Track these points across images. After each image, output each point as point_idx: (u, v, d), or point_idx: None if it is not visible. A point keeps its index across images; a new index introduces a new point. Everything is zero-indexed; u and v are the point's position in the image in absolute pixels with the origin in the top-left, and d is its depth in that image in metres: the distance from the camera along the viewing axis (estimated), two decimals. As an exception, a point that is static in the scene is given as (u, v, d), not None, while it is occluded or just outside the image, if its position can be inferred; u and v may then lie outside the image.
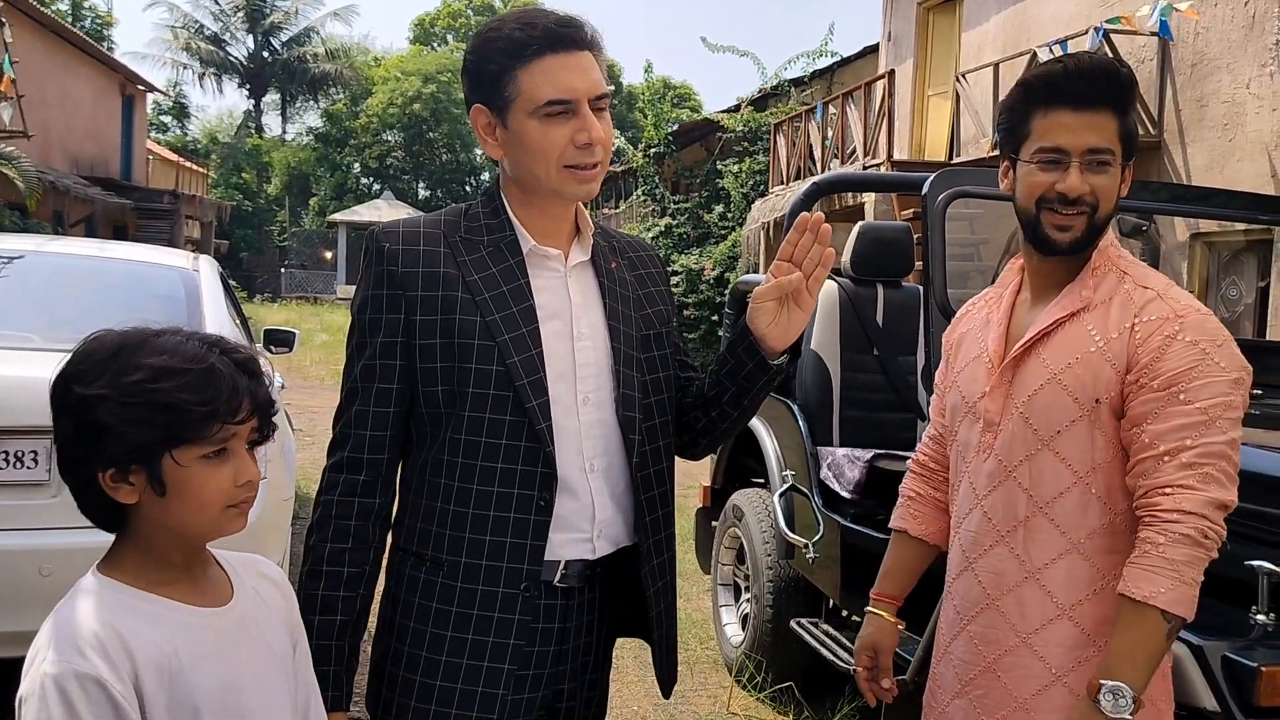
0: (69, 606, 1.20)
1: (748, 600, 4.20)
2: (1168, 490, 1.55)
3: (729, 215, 16.68)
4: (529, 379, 1.53)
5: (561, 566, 1.58)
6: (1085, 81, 1.63)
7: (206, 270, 4.16)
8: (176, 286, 3.97)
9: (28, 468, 3.05)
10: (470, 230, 1.59)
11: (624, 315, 1.65)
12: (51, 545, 2.98)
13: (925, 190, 2.93)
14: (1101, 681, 1.54)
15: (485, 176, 43.75)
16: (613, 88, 1.57)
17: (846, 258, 4.11)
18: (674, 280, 16.16)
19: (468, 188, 43.25)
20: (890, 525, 2.01)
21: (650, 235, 17.69)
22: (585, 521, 1.59)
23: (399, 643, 1.58)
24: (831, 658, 3.46)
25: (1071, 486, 1.65)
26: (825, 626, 3.75)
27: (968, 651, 1.77)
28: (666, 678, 1.73)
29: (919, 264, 3.42)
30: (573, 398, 1.58)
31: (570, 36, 1.51)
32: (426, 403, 1.56)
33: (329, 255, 37.71)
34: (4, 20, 14.19)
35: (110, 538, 1.27)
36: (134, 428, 1.16)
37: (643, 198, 19.10)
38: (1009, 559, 1.71)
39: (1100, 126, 1.63)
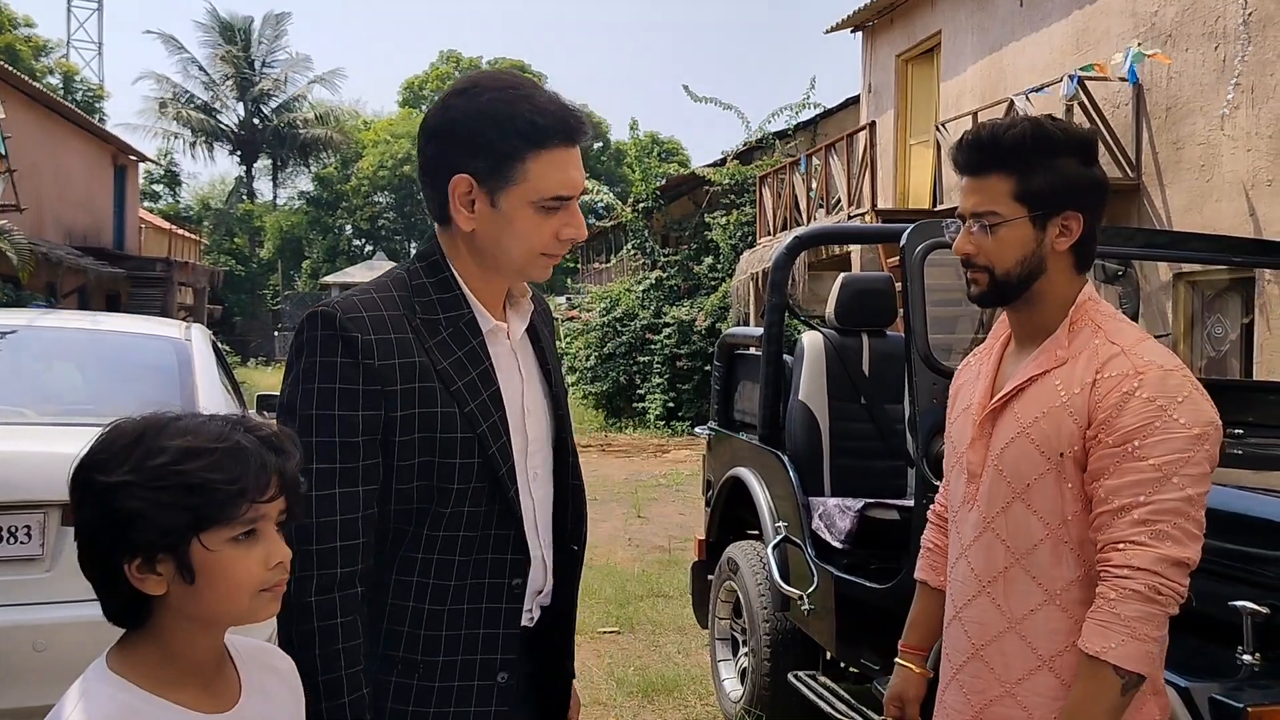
0: (82, 708, 1.12)
1: (745, 654, 4.18)
2: (1120, 546, 1.57)
3: (718, 267, 16.83)
4: (505, 468, 1.48)
5: None
6: (966, 152, 1.73)
7: (199, 340, 4.20)
8: (169, 357, 4.00)
9: (21, 543, 3.06)
10: (425, 309, 1.49)
11: (557, 380, 1.63)
12: (46, 620, 2.98)
13: (903, 243, 2.98)
14: None
15: (476, 235, 43.98)
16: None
17: (830, 308, 4.16)
18: (666, 331, 16.28)
19: (459, 246, 43.47)
20: (914, 576, 2.04)
21: (641, 288, 17.83)
22: (531, 597, 1.57)
23: None
24: (830, 710, 3.44)
25: (1044, 538, 1.68)
26: (823, 679, 3.73)
27: (957, 700, 1.79)
28: None
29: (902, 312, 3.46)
30: (525, 477, 1.55)
31: (580, 130, 1.46)
32: (398, 500, 1.45)
33: (322, 317, 37.77)
34: (-3, 97, 14.37)
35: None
36: (161, 512, 1.11)
37: (633, 251, 19.27)
38: (991, 609, 1.73)
39: (984, 190, 1.70)
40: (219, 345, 4.63)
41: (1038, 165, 1.68)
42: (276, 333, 36.90)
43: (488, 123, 1.43)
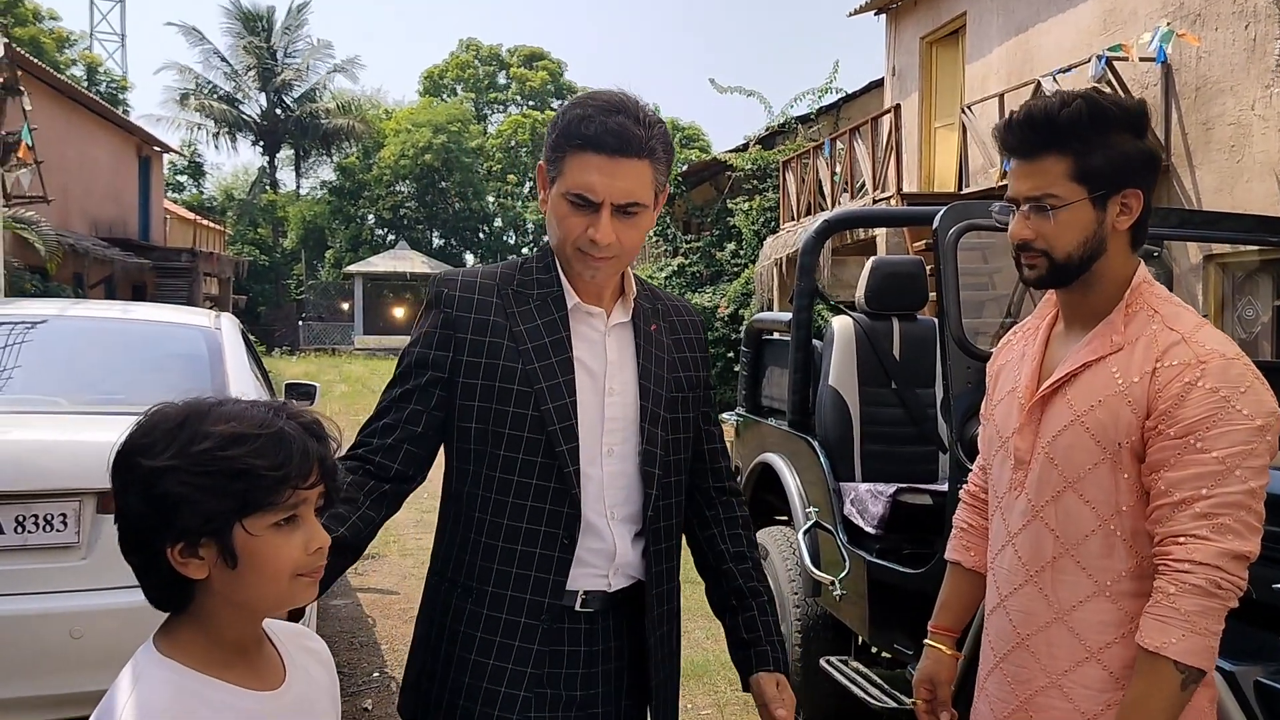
0: (139, 691, 1.14)
1: (775, 639, 4.17)
2: (1181, 539, 1.54)
3: (741, 253, 16.76)
4: (560, 425, 1.66)
5: (581, 594, 1.70)
6: (1016, 134, 1.67)
7: (228, 329, 4.22)
8: (199, 346, 4.02)
9: (57, 530, 3.08)
10: (523, 284, 1.73)
11: (656, 375, 1.76)
12: (82, 607, 3.00)
13: (936, 225, 2.95)
14: None
15: (498, 223, 44.09)
16: (649, 202, 1.65)
17: (861, 292, 4.13)
18: (688, 319, 16.18)
19: (480, 234, 43.58)
20: (945, 556, 2.02)
21: (663, 275, 17.79)
22: (604, 560, 1.70)
23: (433, 661, 1.72)
24: (863, 695, 3.43)
25: (1096, 529, 1.64)
26: (855, 664, 3.72)
27: (1001, 689, 1.77)
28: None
29: (933, 296, 3.43)
30: (598, 449, 1.69)
31: (615, 145, 1.60)
32: (461, 438, 1.70)
33: (346, 306, 38.00)
34: (23, 89, 14.48)
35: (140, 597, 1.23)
36: (206, 497, 1.12)
37: (654, 238, 19.23)
38: (1038, 599, 1.70)
39: (1039, 173, 1.65)
40: (248, 334, 4.65)
41: (1095, 143, 1.62)
42: (301, 322, 37.08)
43: (558, 120, 1.67)
